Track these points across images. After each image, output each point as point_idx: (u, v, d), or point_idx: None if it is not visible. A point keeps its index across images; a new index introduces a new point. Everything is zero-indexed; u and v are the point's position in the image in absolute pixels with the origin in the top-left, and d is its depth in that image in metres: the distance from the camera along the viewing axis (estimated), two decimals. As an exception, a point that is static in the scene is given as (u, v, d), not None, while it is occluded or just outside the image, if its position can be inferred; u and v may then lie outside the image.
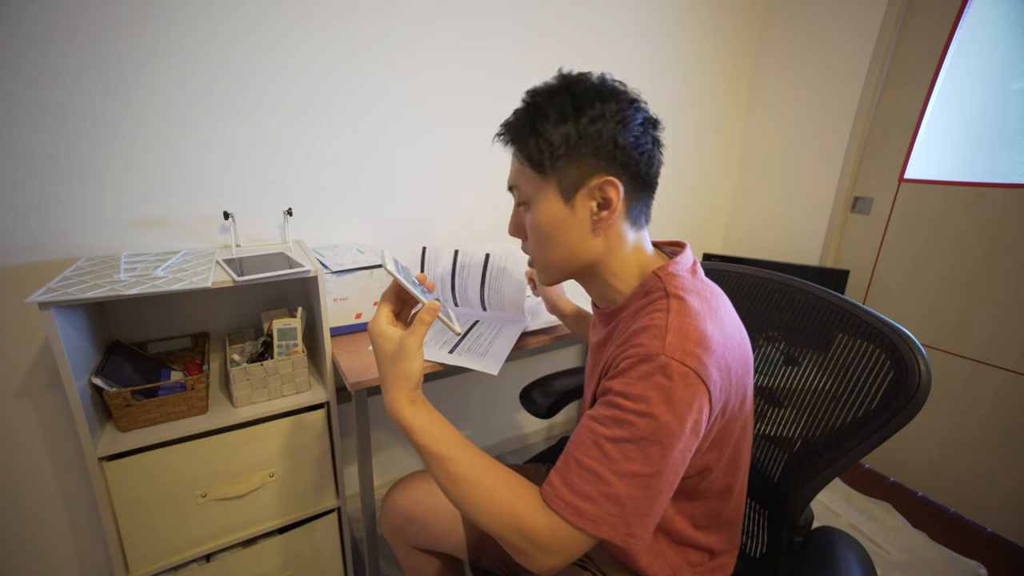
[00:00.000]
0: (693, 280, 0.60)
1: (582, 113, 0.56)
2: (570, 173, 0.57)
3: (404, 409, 0.58)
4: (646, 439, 0.49)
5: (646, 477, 0.50)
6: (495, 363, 0.97)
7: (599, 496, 0.50)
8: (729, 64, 1.92)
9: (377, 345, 0.59)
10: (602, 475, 0.50)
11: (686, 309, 0.54)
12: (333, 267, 1.08)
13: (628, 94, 0.58)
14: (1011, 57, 1.41)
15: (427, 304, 0.59)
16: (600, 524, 0.50)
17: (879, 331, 0.69)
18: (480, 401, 1.73)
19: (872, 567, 0.62)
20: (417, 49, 1.27)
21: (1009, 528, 1.51)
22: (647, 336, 0.52)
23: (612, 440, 0.50)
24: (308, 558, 1.13)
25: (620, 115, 0.56)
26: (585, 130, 0.55)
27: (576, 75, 0.59)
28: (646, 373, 0.50)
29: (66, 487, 1.12)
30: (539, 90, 0.59)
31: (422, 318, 0.58)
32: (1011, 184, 1.42)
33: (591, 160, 0.57)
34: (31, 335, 1.02)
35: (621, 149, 0.56)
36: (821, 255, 1.86)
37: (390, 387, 0.58)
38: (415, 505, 0.84)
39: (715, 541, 0.68)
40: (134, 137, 1.02)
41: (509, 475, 0.55)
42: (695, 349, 0.50)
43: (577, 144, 0.56)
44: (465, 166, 1.44)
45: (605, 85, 0.58)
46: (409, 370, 0.58)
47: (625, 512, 0.50)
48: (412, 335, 0.58)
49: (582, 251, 0.61)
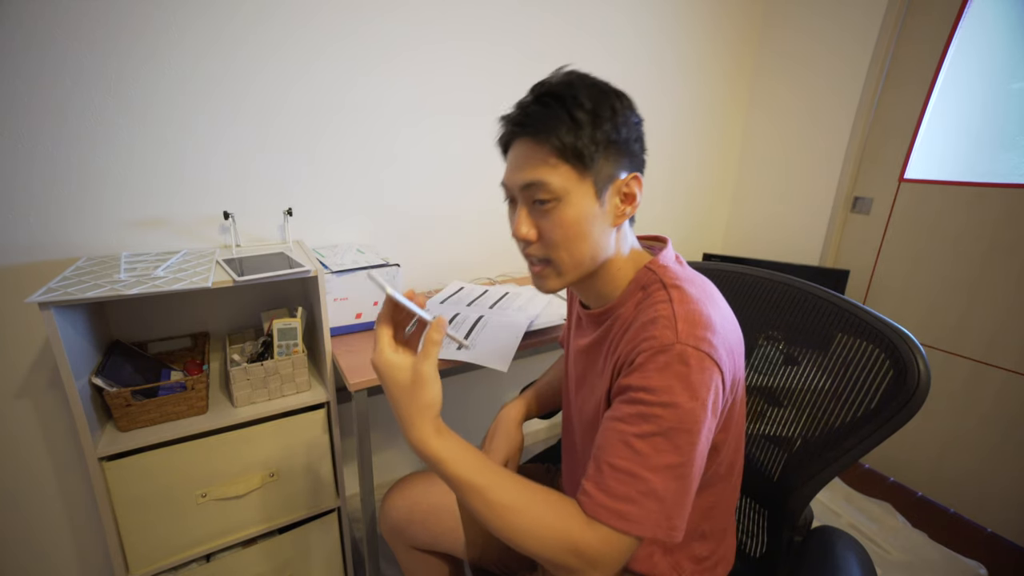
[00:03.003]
0: (683, 270, 0.62)
1: (616, 111, 0.56)
2: (605, 169, 0.57)
3: (432, 441, 0.53)
4: (674, 429, 0.50)
5: (680, 467, 0.50)
6: (504, 360, 0.97)
7: (638, 495, 0.50)
8: (729, 64, 1.92)
9: (389, 377, 0.53)
10: (637, 474, 0.50)
11: (687, 297, 0.55)
12: (333, 267, 1.08)
13: (624, 92, 0.60)
14: (1011, 57, 1.41)
15: (433, 322, 0.54)
16: (645, 523, 0.50)
17: (879, 331, 0.69)
18: (480, 401, 1.73)
19: (872, 567, 0.62)
20: (418, 49, 1.27)
21: (1009, 528, 1.51)
22: (658, 327, 0.53)
23: (641, 436, 0.50)
24: (308, 558, 1.13)
25: (633, 113, 0.59)
26: (620, 127, 0.57)
27: (586, 73, 0.59)
28: (664, 364, 0.51)
29: (66, 487, 1.12)
30: (560, 83, 0.57)
31: (432, 338, 0.53)
32: (1011, 184, 1.42)
33: (620, 157, 0.58)
34: (31, 335, 1.02)
35: (638, 145, 0.60)
36: (821, 255, 1.86)
37: (414, 419, 0.53)
38: (414, 505, 0.84)
39: (717, 532, 0.69)
40: (134, 137, 1.02)
41: (548, 493, 0.54)
42: (705, 333, 0.52)
43: (614, 141, 0.56)
44: (466, 166, 1.44)
45: (611, 84, 0.59)
46: (431, 398, 0.53)
47: (665, 506, 0.50)
48: (426, 359, 0.53)
49: (604, 247, 0.60)
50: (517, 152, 0.60)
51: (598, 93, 0.56)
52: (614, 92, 0.58)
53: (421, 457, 0.54)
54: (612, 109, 0.56)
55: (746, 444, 0.85)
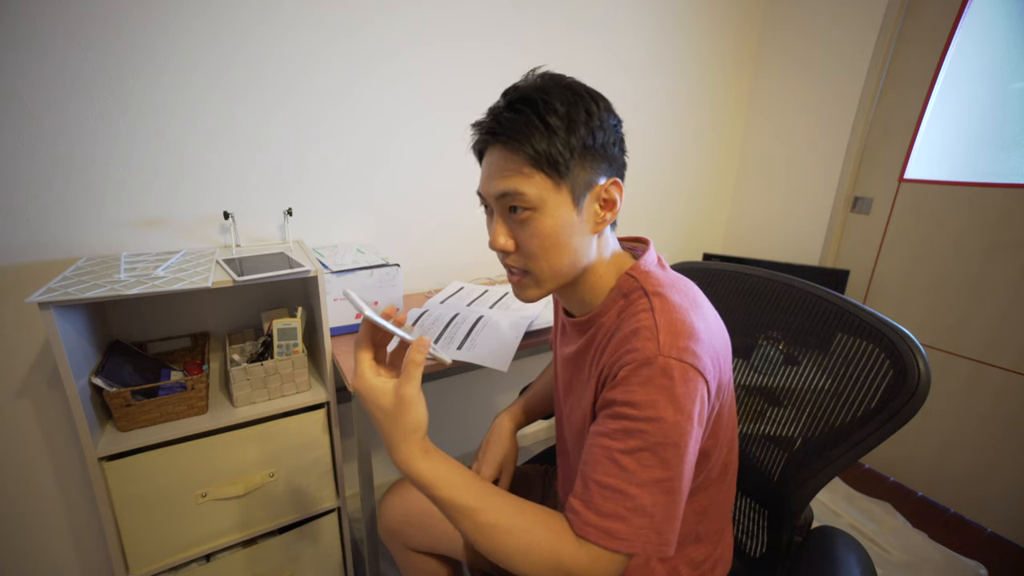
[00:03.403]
0: (666, 274, 0.60)
1: (591, 115, 0.54)
2: (581, 176, 0.55)
3: (419, 464, 0.52)
4: (660, 443, 0.49)
5: (667, 481, 0.50)
6: (504, 360, 0.97)
7: (626, 512, 0.49)
8: (729, 64, 1.92)
9: (370, 401, 0.52)
10: (624, 490, 0.49)
11: (669, 306, 0.54)
12: (333, 267, 1.08)
13: (601, 94, 0.59)
14: (1011, 57, 1.41)
15: (415, 342, 0.52)
16: (634, 541, 0.49)
17: (879, 331, 0.69)
18: (480, 401, 1.73)
19: (872, 567, 0.62)
20: (417, 49, 1.27)
21: (1009, 528, 1.51)
22: (640, 339, 0.52)
23: (626, 452, 0.50)
24: (308, 558, 1.13)
25: (610, 115, 0.57)
26: (596, 131, 0.55)
27: (560, 74, 0.58)
28: (647, 378, 0.50)
29: (66, 487, 1.12)
30: (532, 87, 0.55)
31: (414, 359, 0.51)
32: (1011, 184, 1.42)
33: (598, 162, 0.56)
34: (31, 335, 1.02)
35: (617, 149, 0.58)
36: (821, 255, 1.86)
37: (399, 443, 0.52)
38: (412, 507, 0.84)
39: (713, 534, 0.68)
40: (134, 137, 1.02)
41: (537, 512, 0.53)
42: (688, 343, 0.51)
43: (590, 146, 0.55)
44: (466, 165, 1.44)
45: (587, 86, 0.57)
46: (415, 421, 0.52)
47: (655, 522, 0.50)
48: (408, 382, 0.51)
49: (583, 255, 0.59)
50: (491, 160, 0.58)
51: (572, 96, 0.54)
52: (589, 94, 0.56)
53: (408, 479, 0.53)
54: (587, 113, 0.54)
55: (746, 444, 0.85)
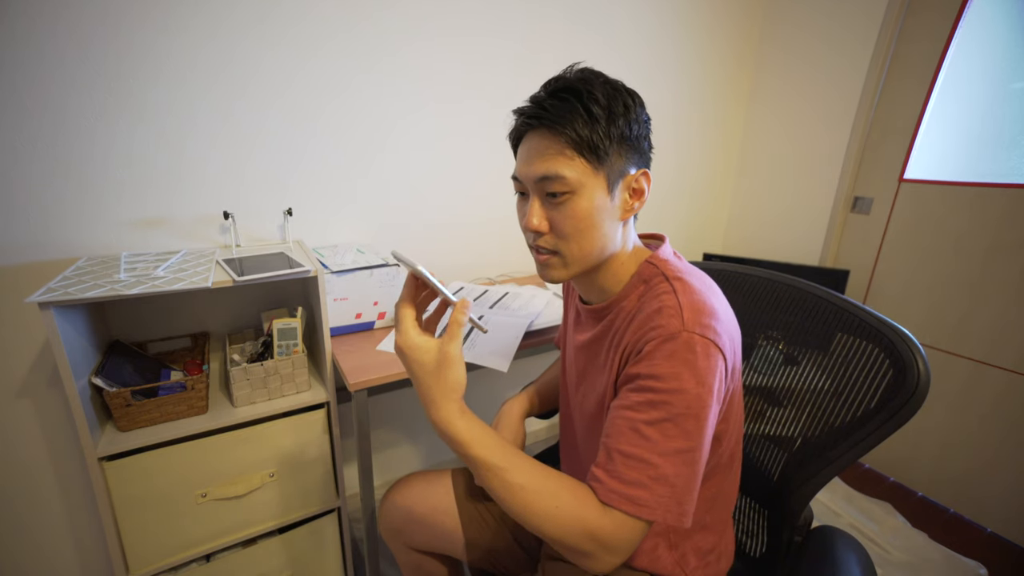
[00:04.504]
0: (683, 264, 0.64)
1: (628, 108, 0.58)
2: (617, 164, 0.59)
3: (457, 422, 0.54)
4: (682, 414, 0.51)
5: (689, 452, 0.52)
6: (504, 360, 0.97)
7: (649, 480, 0.51)
8: (730, 63, 1.92)
9: (414, 359, 0.55)
10: (647, 459, 0.51)
11: (689, 288, 0.57)
12: (333, 267, 1.08)
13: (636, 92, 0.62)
14: (1011, 57, 1.41)
15: (458, 303, 0.55)
16: (656, 508, 0.51)
17: (878, 331, 0.69)
18: (480, 401, 1.73)
19: (872, 567, 0.62)
20: (416, 46, 1.27)
21: (1009, 528, 1.51)
22: (664, 317, 0.54)
23: (650, 423, 0.52)
24: (308, 558, 1.13)
25: (644, 111, 0.61)
26: (632, 124, 0.58)
27: (599, 71, 0.61)
28: (671, 351, 0.52)
29: (66, 487, 1.12)
30: (576, 78, 0.58)
31: (457, 319, 0.54)
32: (1011, 184, 1.42)
33: (631, 153, 0.60)
34: (31, 335, 1.02)
35: (647, 143, 0.62)
36: (821, 255, 1.86)
37: (438, 401, 0.54)
38: (413, 506, 0.84)
39: (718, 524, 0.69)
40: (133, 136, 1.02)
41: (563, 477, 0.55)
42: (710, 321, 0.54)
43: (627, 137, 0.58)
44: (466, 165, 1.44)
45: (623, 83, 0.61)
46: (456, 379, 0.54)
47: (676, 491, 0.51)
48: (451, 340, 0.54)
49: (611, 241, 0.62)
50: (531, 144, 0.60)
51: (612, 90, 0.58)
52: (626, 90, 0.60)
53: (444, 438, 0.55)
54: (625, 106, 0.58)
55: (746, 444, 0.85)
